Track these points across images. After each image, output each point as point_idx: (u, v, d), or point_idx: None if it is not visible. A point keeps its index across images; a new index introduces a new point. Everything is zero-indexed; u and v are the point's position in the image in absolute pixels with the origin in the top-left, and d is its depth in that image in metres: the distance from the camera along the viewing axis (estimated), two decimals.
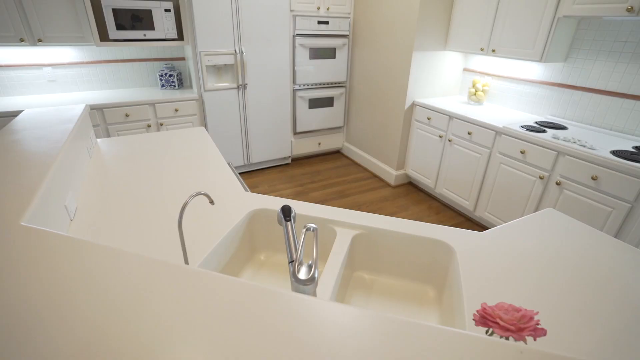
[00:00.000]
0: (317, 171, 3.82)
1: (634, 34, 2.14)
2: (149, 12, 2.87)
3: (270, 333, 0.50)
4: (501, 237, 1.17)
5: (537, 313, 0.63)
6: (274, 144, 3.70)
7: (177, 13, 3.11)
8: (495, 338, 0.50)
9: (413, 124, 3.26)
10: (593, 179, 1.97)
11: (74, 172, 1.36)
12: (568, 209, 2.13)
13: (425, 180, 3.23)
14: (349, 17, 3.60)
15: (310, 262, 0.75)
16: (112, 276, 0.62)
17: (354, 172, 3.84)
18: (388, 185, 3.55)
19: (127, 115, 2.91)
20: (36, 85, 3.02)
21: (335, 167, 3.94)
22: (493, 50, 2.68)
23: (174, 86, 3.37)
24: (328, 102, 3.90)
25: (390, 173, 3.53)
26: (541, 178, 2.24)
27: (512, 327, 0.58)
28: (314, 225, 0.82)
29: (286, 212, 0.95)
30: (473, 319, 0.67)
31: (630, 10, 1.87)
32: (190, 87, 3.45)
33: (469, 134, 2.70)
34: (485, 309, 0.65)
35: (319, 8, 3.40)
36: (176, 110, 3.10)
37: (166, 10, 2.93)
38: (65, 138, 1.36)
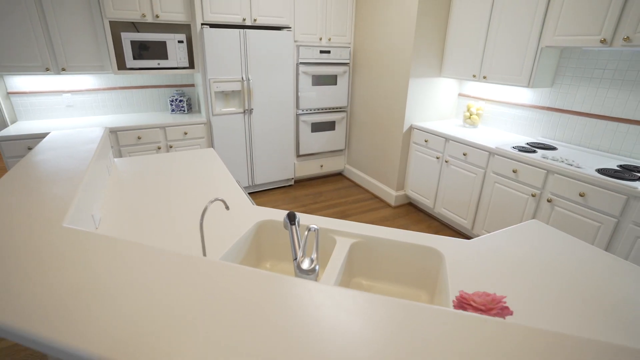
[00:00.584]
0: (319, 192, 3.94)
1: (610, 62, 2.32)
2: (163, 44, 3.11)
3: (280, 308, 0.61)
4: (487, 245, 1.27)
5: (504, 297, 0.73)
6: (278, 166, 3.85)
7: (189, 44, 3.35)
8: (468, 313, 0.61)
9: (411, 146, 3.41)
10: (581, 195, 2.08)
11: (98, 186, 1.49)
12: (560, 224, 2.23)
13: (424, 200, 3.34)
14: (349, 47, 3.83)
15: (312, 257, 0.86)
16: (143, 265, 0.73)
17: (355, 193, 3.96)
18: (388, 205, 3.65)
19: (139, 138, 3.08)
20: (55, 110, 3.22)
21: (337, 189, 4.06)
22: (484, 77, 2.87)
23: (184, 111, 3.57)
24: (330, 126, 4.08)
25: (390, 194, 3.65)
26: (533, 196, 2.35)
27: (483, 307, 0.69)
28: (315, 226, 0.93)
29: (291, 217, 1.07)
30: (452, 304, 0.77)
31: (603, 41, 2.05)
32: (199, 111, 3.65)
33: (464, 155, 2.84)
34: (462, 295, 0.75)
35: (321, 39, 3.64)
36: (185, 134, 3.27)
37: (179, 42, 3.17)
38: (91, 156, 1.51)
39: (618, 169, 2.12)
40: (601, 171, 2.07)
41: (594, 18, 2.10)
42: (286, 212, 1.52)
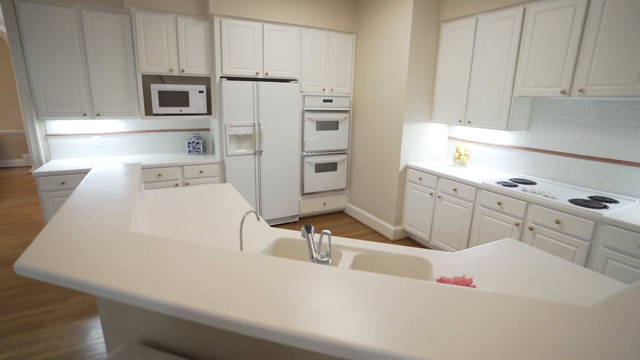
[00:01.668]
0: (322, 229, 4.18)
1: (573, 109, 2.70)
2: (186, 93, 3.54)
3: (300, 278, 0.87)
4: (468, 256, 1.52)
5: (472, 279, 0.98)
6: (284, 203, 4.12)
7: (208, 93, 3.78)
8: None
9: (407, 184, 3.72)
10: (557, 222, 2.34)
11: (139, 209, 1.77)
12: (542, 249, 2.45)
13: (421, 233, 3.58)
14: (349, 96, 4.29)
15: (325, 252, 1.11)
16: (193, 255, 1.00)
17: (356, 229, 4.19)
18: (387, 239, 3.87)
19: (159, 175, 3.40)
20: (85, 150, 3.57)
21: (339, 225, 4.30)
22: (469, 122, 3.25)
23: (199, 152, 3.92)
24: (332, 166, 4.42)
25: (389, 229, 3.89)
26: (517, 225, 2.61)
27: (455, 283, 0.94)
28: (328, 231, 1.20)
29: (308, 227, 1.34)
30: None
31: (563, 92, 2.44)
32: (212, 152, 4.00)
33: (454, 190, 3.13)
34: (442, 278, 1.01)
35: (324, 89, 4.11)
36: (201, 172, 3.59)
37: (200, 92, 3.60)
38: (134, 184, 1.80)
39: (588, 199, 2.41)
40: (573, 201, 2.35)
41: (554, 73, 2.51)
42: (299, 232, 1.77)
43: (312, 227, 1.35)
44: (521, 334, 0.70)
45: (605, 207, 2.24)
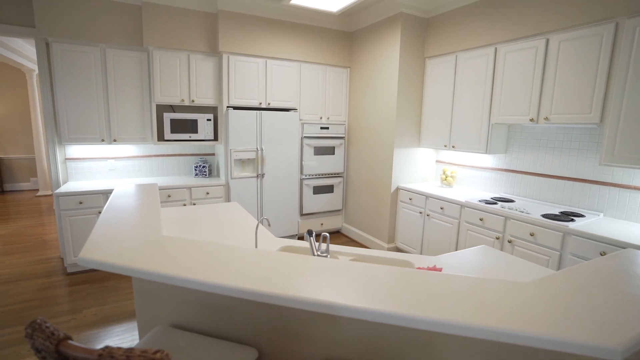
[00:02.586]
0: None
1: (542, 134, 3.04)
2: (195, 121, 3.87)
3: (305, 268, 1.13)
4: (445, 259, 1.78)
5: (442, 268, 1.24)
6: (284, 223, 4.37)
7: (215, 121, 4.12)
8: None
9: (399, 204, 3.99)
10: (531, 235, 2.61)
11: (163, 220, 2.02)
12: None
13: (412, 250, 3.81)
14: (344, 124, 4.65)
15: (325, 248, 1.37)
16: (217, 251, 1.26)
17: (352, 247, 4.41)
18: None
19: (169, 196, 3.66)
20: (99, 173, 3.85)
21: (336, 244, 4.52)
22: (453, 146, 3.58)
23: (205, 175, 4.21)
24: (329, 189, 4.70)
25: (382, 246, 4.12)
26: (497, 238, 2.87)
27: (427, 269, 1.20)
28: (326, 233, 1.47)
29: (310, 232, 1.60)
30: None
31: (532, 120, 2.78)
32: (217, 176, 4.29)
33: (441, 209, 3.41)
34: (418, 267, 1.27)
35: (321, 117, 4.46)
36: (207, 193, 3.86)
37: (208, 120, 3.94)
38: (156, 200, 2.07)
39: (558, 214, 2.69)
40: (545, 216, 2.63)
41: (523, 103, 2.87)
42: (303, 242, 2.02)
43: (314, 232, 1.62)
44: (471, 298, 0.96)
45: (573, 220, 2.52)
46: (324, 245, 1.59)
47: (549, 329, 0.81)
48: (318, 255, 1.31)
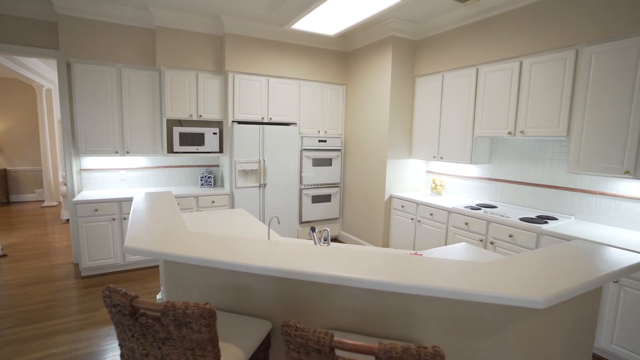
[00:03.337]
0: None
1: (522, 146, 3.36)
2: (202, 134, 4.16)
3: (310, 253, 1.41)
4: (430, 253, 2.05)
5: (422, 254, 1.52)
6: (284, 231, 4.61)
7: (221, 134, 4.41)
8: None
9: (392, 211, 4.27)
10: (510, 236, 2.89)
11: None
12: None
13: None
14: (341, 137, 4.96)
15: (326, 239, 1.64)
16: (241, 242, 1.53)
17: None
18: None
19: (177, 204, 3.90)
20: (111, 183, 4.10)
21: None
22: (441, 157, 3.89)
23: (211, 185, 4.47)
24: (327, 198, 4.98)
25: None
26: (481, 240, 3.15)
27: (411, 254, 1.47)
28: (327, 229, 1.74)
29: (313, 228, 1.88)
30: None
31: (510, 133, 3.10)
32: (222, 185, 4.55)
33: (431, 215, 3.69)
34: (406, 254, 1.54)
35: (319, 131, 4.77)
36: (213, 202, 4.12)
37: (214, 133, 4.23)
38: (176, 204, 2.33)
39: (534, 217, 2.98)
40: (523, 219, 2.92)
41: (502, 118, 3.19)
42: (307, 240, 2.28)
43: (316, 228, 1.89)
44: (441, 271, 1.23)
45: (546, 222, 2.81)
46: (325, 233, 1.88)
47: (496, 289, 1.08)
48: (320, 245, 1.58)
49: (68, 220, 6.01)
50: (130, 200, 3.67)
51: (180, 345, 1.05)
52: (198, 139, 4.15)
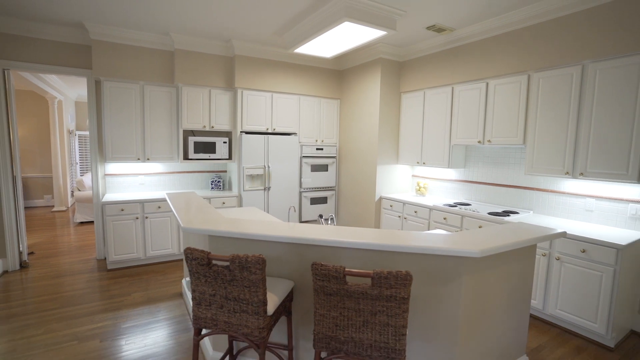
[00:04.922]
0: None
1: (490, 153, 3.96)
2: (214, 143, 4.67)
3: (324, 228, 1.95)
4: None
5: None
6: None
7: (230, 143, 4.94)
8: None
9: (382, 211, 4.83)
10: (479, 227, 3.46)
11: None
12: None
13: None
14: (336, 145, 5.53)
15: (332, 219, 2.18)
16: (269, 224, 2.06)
17: None
18: None
19: None
20: (131, 186, 4.57)
21: None
22: (424, 162, 4.48)
23: (220, 188, 4.98)
24: (323, 200, 5.51)
25: None
26: (456, 232, 3.71)
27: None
28: (332, 215, 2.28)
29: (321, 215, 2.42)
30: None
31: (479, 142, 3.71)
32: (230, 189, 5.06)
33: (415, 212, 4.26)
34: None
35: (317, 140, 5.33)
36: (223, 203, 4.62)
37: (224, 142, 4.75)
38: (204, 200, 2.85)
39: (500, 212, 3.57)
40: (490, 213, 3.50)
41: (473, 129, 3.80)
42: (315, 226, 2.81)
43: (323, 215, 2.43)
44: (417, 237, 1.79)
45: (509, 215, 3.40)
46: (332, 214, 2.42)
47: (451, 246, 1.63)
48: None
49: (82, 222, 6.42)
50: (151, 201, 4.15)
51: (240, 284, 1.57)
52: (210, 147, 4.67)
